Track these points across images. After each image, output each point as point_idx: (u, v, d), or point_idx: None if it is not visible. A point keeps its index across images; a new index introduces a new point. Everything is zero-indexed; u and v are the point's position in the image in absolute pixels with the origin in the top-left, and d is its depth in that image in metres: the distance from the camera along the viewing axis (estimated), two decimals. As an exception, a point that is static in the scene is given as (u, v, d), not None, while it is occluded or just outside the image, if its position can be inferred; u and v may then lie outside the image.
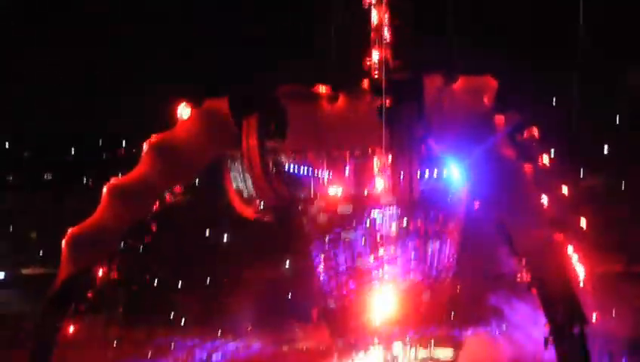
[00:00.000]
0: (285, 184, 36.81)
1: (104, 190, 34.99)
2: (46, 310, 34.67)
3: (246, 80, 49.06)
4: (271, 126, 34.76)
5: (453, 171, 35.48)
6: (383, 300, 39.84)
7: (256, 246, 52.93)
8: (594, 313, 31.64)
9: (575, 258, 31.97)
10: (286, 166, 37.14)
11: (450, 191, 38.89)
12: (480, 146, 31.36)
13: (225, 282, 53.06)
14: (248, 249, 53.70)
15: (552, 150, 37.16)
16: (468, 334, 45.75)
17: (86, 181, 60.44)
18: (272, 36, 54.85)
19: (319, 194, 39.15)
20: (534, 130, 36.51)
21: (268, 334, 49.73)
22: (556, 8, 54.22)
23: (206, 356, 48.19)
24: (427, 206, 38.92)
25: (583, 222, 36.08)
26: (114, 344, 48.08)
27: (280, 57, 52.64)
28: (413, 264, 39.64)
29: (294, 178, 38.11)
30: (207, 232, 56.46)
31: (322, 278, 41.31)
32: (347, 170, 37.40)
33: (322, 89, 35.16)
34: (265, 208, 37.97)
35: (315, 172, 38.21)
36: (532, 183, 31.72)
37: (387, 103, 32.69)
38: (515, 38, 53.56)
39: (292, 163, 37.14)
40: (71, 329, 34.40)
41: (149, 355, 47.44)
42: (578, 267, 32.35)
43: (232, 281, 51.41)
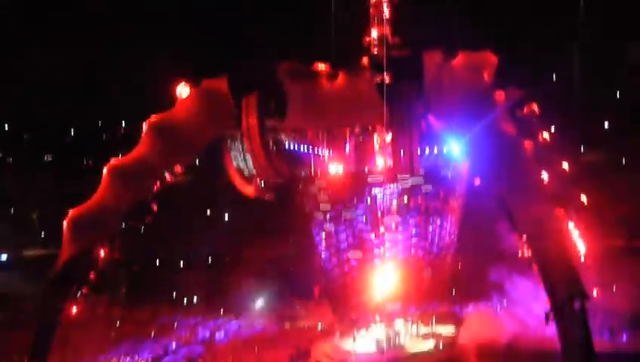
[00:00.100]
0: (285, 162, 36.77)
1: (104, 171, 34.90)
2: (48, 291, 34.71)
3: (245, 59, 48.85)
4: (270, 105, 34.65)
5: (453, 147, 35.37)
6: (385, 277, 39.98)
7: (257, 225, 53.03)
8: (594, 288, 31.66)
9: (575, 233, 31.94)
10: (286, 144, 37.06)
11: (450, 167, 38.91)
12: (480, 122, 31.23)
13: (227, 261, 53.21)
14: (250, 228, 53.80)
15: (552, 126, 37.05)
16: (469, 310, 45.97)
17: (86, 162, 60.44)
18: (272, 16, 54.56)
19: (320, 171, 39.17)
20: (534, 106, 36.40)
21: (270, 312, 49.94)
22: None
23: (209, 334, 48.40)
24: (428, 182, 38.95)
25: (584, 198, 36.12)
26: (117, 324, 48.31)
27: (279, 36, 52.42)
28: (414, 241, 39.74)
29: (294, 156, 38.08)
30: (208, 212, 56.54)
31: (324, 256, 41.42)
32: (347, 148, 37.33)
33: (321, 67, 34.99)
34: (265, 187, 37.92)
35: (316, 150, 38.16)
36: (532, 159, 31.62)
37: (387, 80, 32.55)
38: (515, 14, 53.22)
39: (292, 141, 37.06)
40: (74, 309, 34.35)
41: (152, 334, 47.64)
42: (578, 242, 32.33)
43: (234, 260, 51.55)
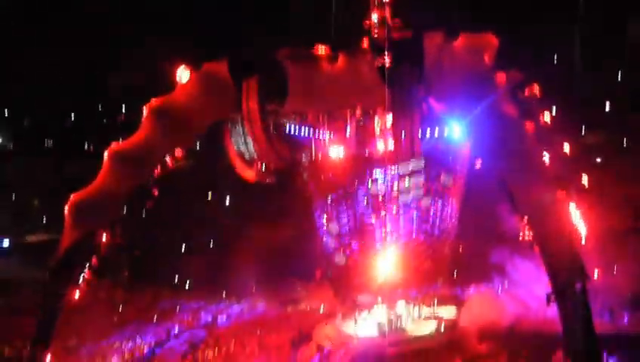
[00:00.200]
0: (286, 146, 36.70)
1: (105, 155, 34.86)
2: (51, 277, 34.77)
3: (245, 43, 48.72)
4: (271, 88, 34.54)
5: (454, 130, 35.30)
6: (386, 260, 40.04)
7: (258, 208, 53.06)
8: (596, 270, 31.70)
9: (577, 215, 31.92)
10: (287, 128, 36.98)
11: (451, 149, 38.84)
12: (481, 104, 31.13)
13: (228, 244, 53.24)
14: (251, 211, 53.83)
15: (554, 107, 36.96)
16: (470, 292, 46.10)
17: (87, 147, 60.42)
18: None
19: (321, 155, 39.12)
20: (535, 88, 36.30)
21: (272, 295, 50.08)
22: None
23: (211, 318, 48.56)
24: (429, 165, 38.91)
25: (585, 179, 36.11)
26: (119, 308, 48.47)
27: (280, 20, 52.26)
28: (415, 223, 39.75)
29: (295, 139, 38.01)
30: (209, 195, 56.54)
31: (325, 239, 41.46)
32: (348, 131, 37.25)
33: (322, 49, 34.84)
34: (266, 170, 37.89)
35: (316, 133, 38.09)
36: (534, 141, 31.59)
37: (387, 62, 32.41)
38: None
39: (293, 124, 36.98)
40: (76, 294, 34.45)
41: (155, 319, 47.80)
42: (580, 224, 32.32)
43: (236, 243, 51.59)
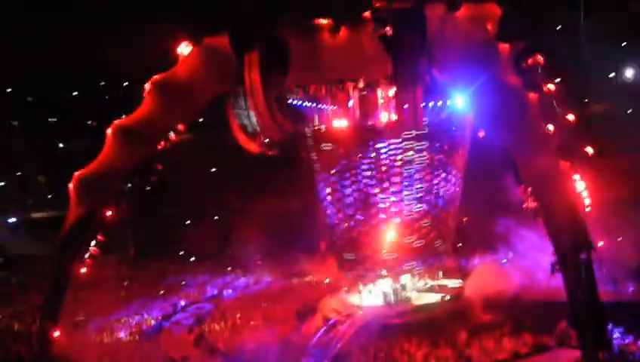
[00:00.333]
0: (289, 118, 36.61)
1: (108, 131, 34.87)
2: (57, 252, 34.95)
3: (246, 15, 48.37)
4: (273, 60, 34.37)
5: (457, 100, 35.17)
6: (390, 232, 40.14)
7: (262, 181, 53.16)
8: (600, 240, 31.73)
9: (581, 185, 31.86)
10: (289, 100, 36.90)
11: (455, 120, 38.76)
12: (484, 75, 30.93)
13: (233, 218, 53.45)
14: (254, 184, 53.94)
15: (557, 77, 36.77)
16: (475, 263, 46.30)
17: (90, 123, 60.45)
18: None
19: (324, 127, 39.10)
20: (539, 57, 36.06)
21: (277, 268, 50.35)
22: None
23: (217, 291, 48.91)
24: (432, 136, 38.87)
25: (589, 149, 36.02)
26: (126, 283, 48.85)
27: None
28: (419, 195, 39.77)
29: (298, 112, 37.97)
30: (213, 169, 56.64)
31: (329, 211, 41.54)
32: (351, 102, 37.18)
33: (323, 21, 34.63)
34: (269, 143, 37.87)
35: (319, 105, 38.03)
36: (537, 111, 31.38)
37: (389, 33, 32.13)
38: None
39: (295, 97, 36.90)
40: (83, 270, 34.67)
41: (161, 293, 48.18)
42: (584, 194, 32.29)
43: (240, 217, 51.77)
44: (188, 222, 56.03)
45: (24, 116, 62.93)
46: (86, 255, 34.76)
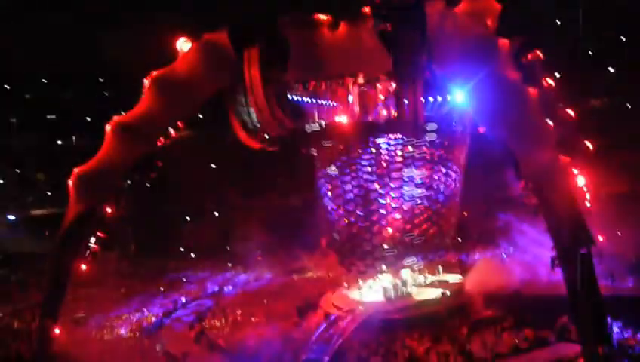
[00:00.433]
0: (289, 114, 36.56)
1: (107, 128, 34.79)
2: (57, 249, 34.86)
3: (245, 11, 48.32)
4: (272, 56, 34.31)
5: (457, 96, 35.12)
6: (391, 227, 40.12)
7: (262, 177, 53.17)
8: (600, 234, 31.69)
9: (581, 180, 31.84)
10: (289, 96, 36.83)
11: (455, 115, 38.71)
12: (484, 70, 30.85)
13: (233, 214, 53.48)
14: (255, 181, 53.95)
15: (557, 72, 36.75)
16: (475, 258, 46.30)
17: (90, 120, 60.40)
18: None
19: (323, 123, 39.03)
20: (538, 52, 36.06)
21: (277, 264, 50.37)
22: None
23: (218, 288, 48.92)
24: (432, 131, 38.82)
25: (589, 144, 36.01)
26: (126, 280, 48.85)
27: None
28: (419, 190, 39.75)
29: (298, 108, 37.89)
30: (213, 165, 56.59)
31: (329, 207, 41.51)
32: (351, 98, 37.10)
33: (323, 17, 34.57)
34: (269, 139, 37.83)
35: (319, 101, 37.96)
36: (537, 106, 31.29)
37: (389, 28, 32.08)
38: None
39: (295, 93, 36.84)
40: (83, 267, 34.59)
41: (162, 290, 48.17)
42: (584, 188, 32.27)
43: (241, 213, 51.80)
44: (188, 219, 56.07)
45: (23, 114, 62.91)
46: (86, 252, 34.71)
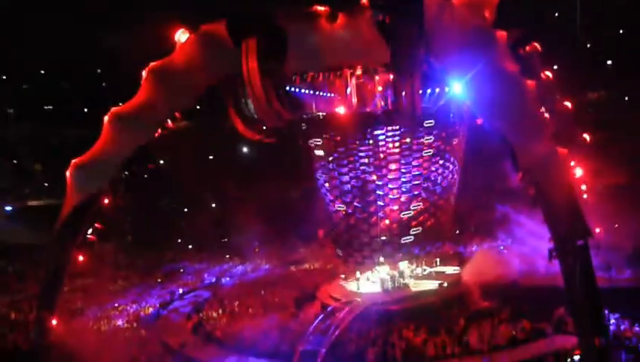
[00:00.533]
0: (287, 105, 36.47)
1: (105, 119, 34.71)
2: (54, 241, 34.81)
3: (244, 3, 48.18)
4: (270, 48, 34.18)
5: (455, 88, 35.08)
6: (388, 219, 40.15)
7: (260, 169, 53.16)
8: (597, 226, 31.73)
9: (578, 171, 31.87)
10: (287, 87, 36.75)
11: (452, 107, 38.70)
12: (481, 62, 30.78)
13: (231, 206, 53.49)
14: (253, 172, 53.94)
15: (555, 64, 36.73)
16: (473, 250, 46.41)
17: (87, 111, 60.28)
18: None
19: (321, 114, 38.98)
20: (536, 44, 36.02)
21: (275, 256, 50.44)
22: None
23: (215, 279, 49.00)
24: (430, 122, 38.82)
25: (586, 136, 36.02)
26: (123, 271, 48.91)
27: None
28: (417, 182, 39.78)
29: (296, 99, 37.81)
30: (210, 156, 56.56)
31: (327, 198, 41.53)
32: (349, 90, 37.05)
33: (321, 8, 34.44)
34: (267, 130, 37.79)
35: (317, 92, 37.89)
36: (535, 98, 31.25)
37: (387, 20, 31.97)
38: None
39: (293, 84, 36.75)
40: (80, 258, 34.55)
41: (159, 281, 48.23)
42: (581, 180, 32.31)
43: (238, 205, 51.79)
44: (186, 210, 56.06)
45: (20, 104, 62.78)
46: (83, 242, 34.67)
